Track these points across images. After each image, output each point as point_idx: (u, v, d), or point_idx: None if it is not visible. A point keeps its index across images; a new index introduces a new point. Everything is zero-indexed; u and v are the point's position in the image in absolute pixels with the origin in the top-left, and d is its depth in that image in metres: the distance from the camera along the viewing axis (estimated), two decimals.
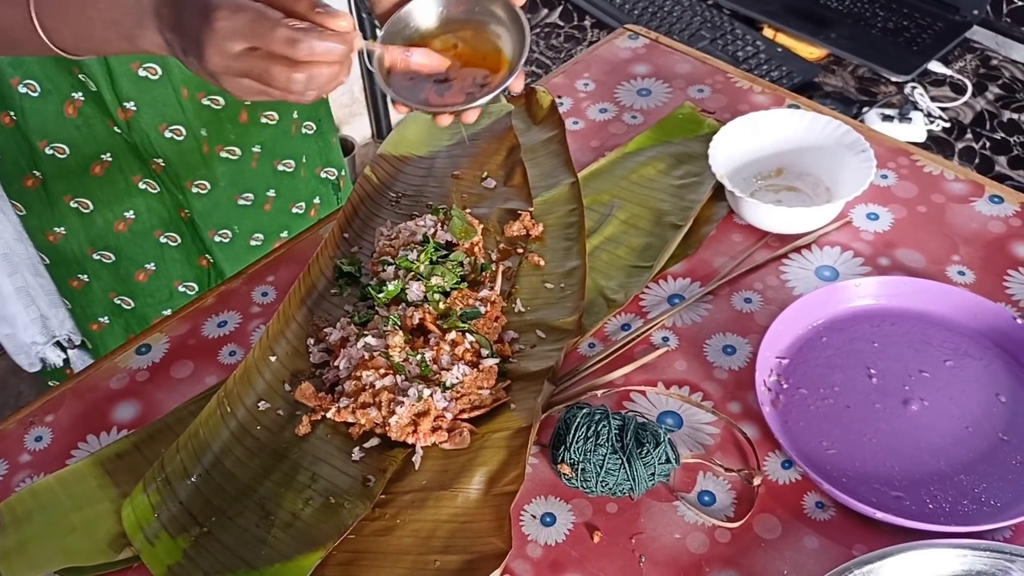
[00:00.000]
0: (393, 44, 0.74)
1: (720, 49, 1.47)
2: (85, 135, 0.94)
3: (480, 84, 0.74)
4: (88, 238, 1.01)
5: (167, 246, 1.04)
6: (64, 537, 0.69)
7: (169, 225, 1.03)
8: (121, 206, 1.00)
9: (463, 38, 0.77)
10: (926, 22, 1.47)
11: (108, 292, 1.05)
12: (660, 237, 0.86)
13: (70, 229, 1.00)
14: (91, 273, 1.03)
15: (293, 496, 0.69)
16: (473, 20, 0.77)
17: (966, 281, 0.81)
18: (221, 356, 0.82)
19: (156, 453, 0.73)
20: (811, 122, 0.90)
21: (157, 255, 1.04)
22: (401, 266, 0.81)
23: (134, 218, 1.01)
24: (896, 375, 0.74)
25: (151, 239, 1.03)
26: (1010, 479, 0.67)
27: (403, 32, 0.76)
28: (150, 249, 1.04)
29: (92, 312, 1.07)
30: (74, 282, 1.04)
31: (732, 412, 0.74)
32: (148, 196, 1.00)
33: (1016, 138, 1.33)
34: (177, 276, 1.06)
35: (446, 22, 0.77)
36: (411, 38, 0.76)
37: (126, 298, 1.05)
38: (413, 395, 0.71)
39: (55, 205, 0.98)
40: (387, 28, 0.76)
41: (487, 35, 0.76)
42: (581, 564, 0.65)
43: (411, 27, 0.77)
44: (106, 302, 1.06)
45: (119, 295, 1.05)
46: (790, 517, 0.67)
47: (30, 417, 0.79)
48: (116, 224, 1.00)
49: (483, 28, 0.77)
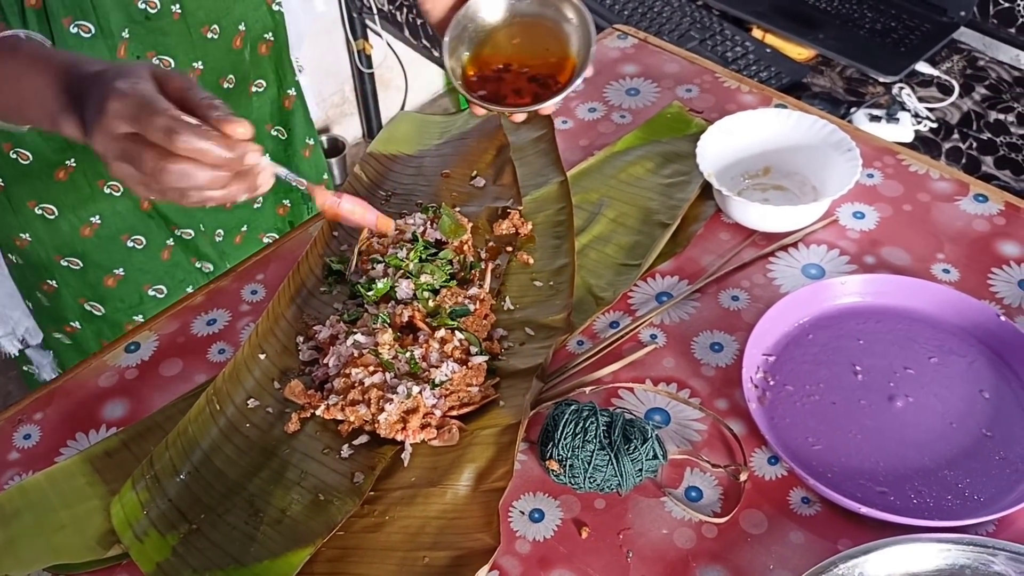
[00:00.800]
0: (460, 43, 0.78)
1: (709, 49, 1.47)
2: (48, 140, 0.93)
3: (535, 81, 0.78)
4: (54, 244, 1.00)
5: (134, 250, 1.03)
6: (53, 534, 0.69)
7: (136, 227, 1.02)
8: (86, 211, 0.99)
9: (528, 31, 0.80)
10: (914, 23, 1.48)
11: (78, 298, 1.04)
12: (648, 235, 0.86)
13: (35, 235, 0.99)
14: (59, 279, 1.02)
15: (282, 493, 0.69)
16: (538, 15, 0.79)
17: (951, 279, 0.82)
18: (210, 354, 0.82)
19: (145, 451, 0.73)
20: (798, 122, 0.90)
21: (125, 260, 1.03)
22: (391, 264, 0.81)
23: (100, 223, 1.00)
24: (881, 372, 0.75)
25: (118, 243, 1.02)
26: (993, 474, 0.68)
27: (467, 30, 0.79)
28: (117, 254, 1.02)
29: (64, 316, 1.06)
30: (44, 286, 1.04)
31: (719, 409, 0.74)
32: (113, 199, 0.99)
33: (1002, 138, 1.34)
34: (146, 280, 1.05)
35: (509, 16, 0.80)
36: (475, 35, 0.79)
37: (96, 304, 1.04)
38: (402, 392, 0.71)
39: (19, 211, 0.97)
40: (454, 25, 0.78)
41: (553, 32, 0.79)
42: (569, 560, 0.66)
43: (476, 23, 0.79)
44: (76, 307, 1.05)
45: (89, 301, 1.04)
46: (776, 512, 0.67)
47: (19, 415, 0.79)
48: (82, 229, 0.99)
49: (549, 24, 0.79)
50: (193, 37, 0.95)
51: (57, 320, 1.07)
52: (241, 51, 1.01)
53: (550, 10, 0.79)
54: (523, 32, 0.80)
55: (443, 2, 0.81)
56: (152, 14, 0.91)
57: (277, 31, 1.07)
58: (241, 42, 1.01)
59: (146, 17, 0.90)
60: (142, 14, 0.90)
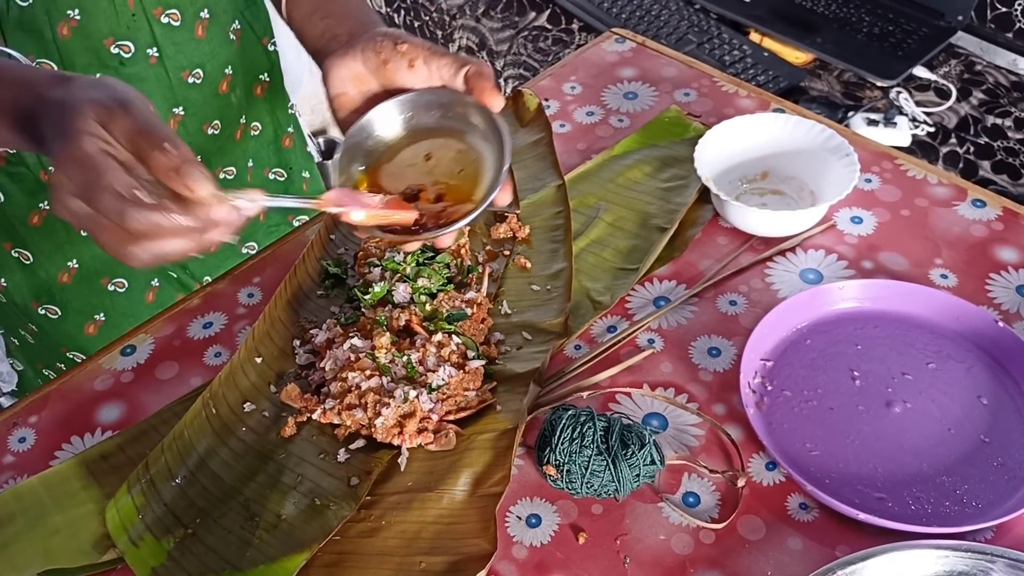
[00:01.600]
0: (354, 159, 0.67)
1: (707, 53, 1.47)
2: (19, 183, 0.90)
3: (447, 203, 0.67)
4: (31, 290, 0.96)
5: (116, 294, 0.99)
6: (48, 539, 0.69)
7: (117, 269, 0.97)
8: (63, 256, 0.94)
9: (437, 148, 0.69)
10: (911, 27, 1.48)
11: (60, 347, 1.00)
12: (646, 240, 0.86)
13: (11, 280, 0.95)
14: (39, 327, 0.99)
15: (278, 497, 0.69)
16: (448, 128, 0.69)
17: (949, 284, 0.82)
18: (206, 357, 0.82)
19: (141, 454, 0.73)
20: (796, 126, 0.90)
21: (107, 305, 0.99)
22: (388, 268, 0.81)
23: (78, 267, 0.95)
24: (879, 377, 0.75)
25: (98, 288, 0.98)
26: (991, 480, 0.68)
27: (364, 144, 0.69)
28: (97, 299, 0.98)
29: (48, 357, 1.02)
30: (23, 331, 1.00)
31: (717, 414, 0.74)
32: (91, 243, 0.92)
33: (1000, 143, 1.35)
34: (129, 325, 0.96)
35: (416, 130, 0.70)
36: (375, 150, 0.69)
37: (78, 353, 1.00)
38: (399, 397, 0.71)
39: None
40: (347, 141, 0.69)
41: (464, 144, 0.69)
42: (566, 565, 0.66)
43: (374, 137, 0.70)
44: (58, 355, 1.01)
45: (71, 350, 1.00)
46: (774, 518, 0.67)
47: (13, 418, 0.79)
48: (60, 276, 0.95)
49: (460, 137, 0.69)
50: (172, 82, 0.91)
51: (44, 358, 1.03)
52: (228, 96, 0.97)
53: (460, 122, 0.69)
54: (431, 149, 0.70)
55: (350, 102, 0.71)
56: (127, 59, 0.86)
57: (273, 71, 1.04)
58: (228, 86, 0.97)
59: (120, 63, 0.86)
60: (116, 59, 0.86)
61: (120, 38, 0.86)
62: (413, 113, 0.69)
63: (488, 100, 0.67)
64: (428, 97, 0.69)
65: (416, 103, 0.69)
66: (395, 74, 0.69)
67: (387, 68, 0.69)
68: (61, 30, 0.82)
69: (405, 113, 0.70)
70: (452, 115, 0.69)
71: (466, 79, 0.68)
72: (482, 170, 0.68)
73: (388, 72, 0.69)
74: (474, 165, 0.68)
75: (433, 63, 0.68)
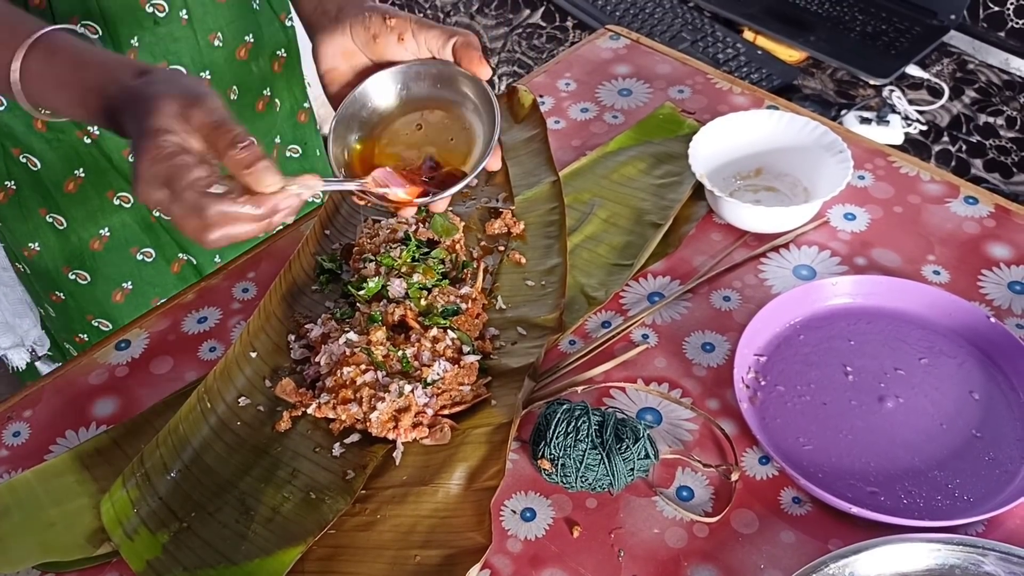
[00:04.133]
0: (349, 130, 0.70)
1: (701, 51, 1.48)
2: (56, 150, 0.92)
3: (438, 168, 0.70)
4: (63, 256, 0.99)
5: (143, 263, 1.02)
6: (43, 532, 0.69)
7: (146, 239, 1.02)
8: (96, 224, 0.98)
9: (428, 119, 0.72)
10: (904, 26, 1.49)
11: (85, 315, 1.03)
12: (640, 236, 0.87)
13: (45, 245, 0.98)
14: (67, 292, 1.02)
15: (273, 491, 0.69)
16: (438, 98, 0.71)
17: (941, 281, 0.82)
18: (201, 352, 0.82)
19: (135, 448, 0.73)
20: (789, 123, 0.91)
21: (134, 273, 1.02)
22: (383, 263, 0.81)
23: (109, 235, 0.99)
24: (872, 373, 0.75)
25: (127, 256, 1.01)
26: (983, 475, 0.69)
27: (359, 115, 0.71)
28: (126, 267, 1.02)
29: (72, 328, 1.05)
30: (52, 296, 1.03)
31: (710, 409, 0.74)
32: (123, 211, 0.99)
33: (992, 141, 1.35)
34: (155, 294, 1.04)
35: (407, 101, 0.72)
36: (369, 120, 0.71)
37: (104, 320, 1.04)
38: (394, 391, 0.71)
39: (29, 218, 0.97)
40: (341, 112, 0.71)
41: (455, 114, 0.71)
42: (561, 559, 0.66)
43: (368, 108, 0.71)
44: (83, 323, 1.04)
45: (96, 317, 1.03)
46: (767, 512, 0.68)
47: (8, 412, 0.78)
48: (91, 243, 0.99)
49: (450, 107, 0.71)
50: (200, 44, 0.94)
51: (65, 331, 1.06)
52: (247, 63, 1.00)
53: (450, 92, 0.71)
54: (423, 119, 0.72)
55: (340, 76, 0.73)
56: (161, 18, 0.90)
57: (290, 47, 1.05)
58: (247, 54, 0.99)
59: (155, 22, 0.89)
60: (150, 19, 0.89)
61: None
62: (405, 84, 0.71)
63: (476, 69, 0.70)
64: (419, 68, 0.71)
65: (407, 74, 0.71)
66: (385, 48, 0.71)
67: (377, 43, 0.71)
68: None
69: (397, 84, 0.71)
70: (443, 86, 0.71)
71: (454, 50, 0.70)
72: (473, 138, 0.70)
73: (378, 47, 0.71)
74: (464, 134, 0.71)
75: (421, 36, 0.70)
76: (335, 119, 0.71)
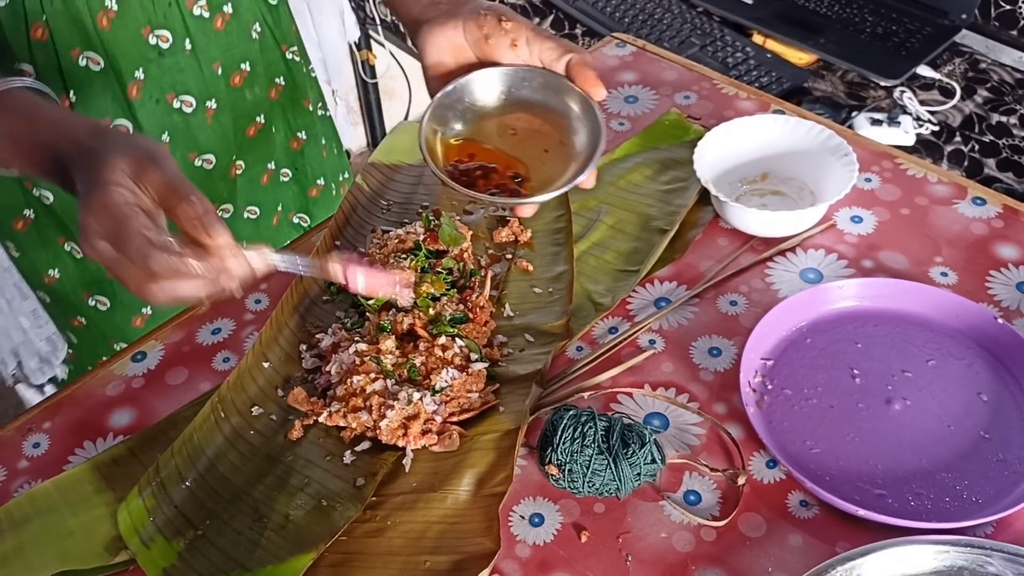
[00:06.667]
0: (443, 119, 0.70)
1: (710, 56, 1.48)
2: None
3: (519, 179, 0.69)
4: (83, 281, 1.00)
5: None
6: (61, 541, 0.70)
7: None
8: None
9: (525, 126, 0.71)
10: (915, 27, 1.48)
11: (107, 339, 1.04)
12: (647, 242, 0.87)
13: (64, 271, 0.99)
14: (88, 318, 1.03)
15: (286, 499, 0.70)
16: (540, 107, 0.71)
17: (949, 282, 0.82)
18: (215, 363, 0.84)
19: (151, 458, 0.74)
20: (795, 127, 0.91)
21: None
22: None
23: None
24: (879, 375, 0.75)
25: None
26: (991, 476, 0.68)
27: (456, 106, 0.71)
28: None
29: (96, 351, 1.06)
30: (75, 322, 1.04)
31: (717, 413, 0.75)
32: None
33: (1005, 141, 1.34)
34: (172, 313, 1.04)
35: (509, 103, 0.71)
36: (465, 114, 0.71)
37: (125, 344, 1.04)
38: (403, 399, 0.72)
39: (48, 245, 0.97)
40: (440, 99, 0.71)
41: (554, 127, 0.71)
42: (569, 563, 0.66)
43: (467, 101, 0.71)
44: (106, 347, 1.05)
45: (118, 342, 1.04)
46: (774, 516, 0.68)
47: (28, 424, 0.80)
48: None
49: (551, 119, 0.71)
50: (205, 74, 0.94)
51: (91, 355, 1.07)
52: (241, 89, 1.00)
53: (555, 104, 0.70)
54: (520, 125, 0.72)
55: (444, 69, 0.73)
56: (165, 50, 0.90)
57: (289, 76, 1.05)
58: (241, 81, 0.99)
59: (159, 54, 0.90)
60: (155, 51, 0.89)
61: (157, 27, 0.89)
62: (510, 86, 0.71)
63: (591, 88, 0.70)
64: (526, 74, 0.71)
65: (514, 77, 0.71)
66: (495, 50, 0.71)
67: (488, 43, 0.70)
68: (100, 21, 0.86)
69: (503, 85, 0.71)
70: (548, 96, 0.70)
71: (569, 66, 0.70)
72: (569, 155, 0.70)
73: (488, 47, 0.71)
74: (561, 149, 0.70)
75: (536, 45, 0.70)
76: (432, 105, 0.71)
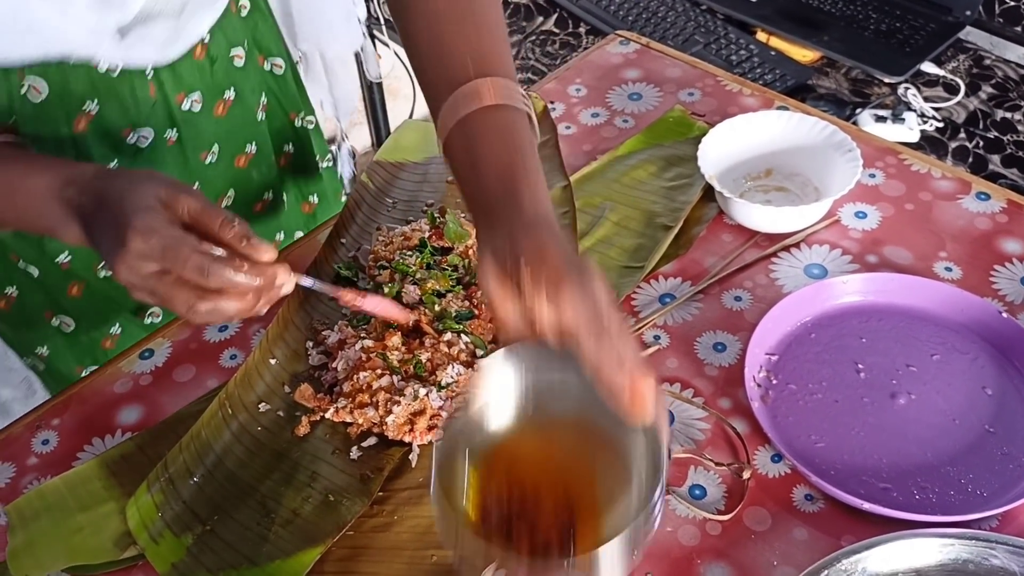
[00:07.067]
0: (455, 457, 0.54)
1: (714, 53, 1.48)
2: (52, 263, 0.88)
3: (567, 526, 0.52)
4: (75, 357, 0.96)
5: None
6: (71, 537, 0.70)
7: None
8: (107, 325, 0.95)
9: (562, 435, 0.55)
10: (919, 23, 1.48)
11: (74, 367, 0.98)
12: (651, 238, 0.87)
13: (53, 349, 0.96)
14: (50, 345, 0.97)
15: (293, 494, 0.71)
16: (576, 415, 0.54)
17: (953, 277, 0.82)
18: (222, 359, 0.84)
19: (159, 454, 0.75)
20: (799, 123, 0.91)
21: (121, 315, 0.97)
22: (397, 269, 0.82)
23: (120, 333, 0.96)
24: (883, 369, 0.76)
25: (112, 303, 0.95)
26: (996, 469, 0.69)
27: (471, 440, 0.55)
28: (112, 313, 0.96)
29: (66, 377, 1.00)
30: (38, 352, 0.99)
31: (722, 408, 0.75)
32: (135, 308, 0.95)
33: (1009, 136, 1.34)
34: None
35: (543, 422, 0.54)
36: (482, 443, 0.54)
37: None
38: (409, 395, 0.72)
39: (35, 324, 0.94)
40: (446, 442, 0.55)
41: (601, 436, 0.54)
42: None
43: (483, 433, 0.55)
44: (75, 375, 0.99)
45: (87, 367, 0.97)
46: (780, 509, 0.68)
47: (37, 421, 0.81)
48: (103, 342, 0.96)
49: (594, 429, 0.54)
50: (190, 163, 0.89)
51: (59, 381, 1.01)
52: (246, 170, 0.96)
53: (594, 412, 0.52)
54: (555, 435, 0.56)
55: None
56: (143, 147, 0.84)
57: (299, 142, 1.02)
58: (247, 162, 0.95)
59: (136, 151, 0.84)
60: (132, 148, 0.84)
61: (139, 126, 0.83)
62: (537, 397, 0.54)
63: None
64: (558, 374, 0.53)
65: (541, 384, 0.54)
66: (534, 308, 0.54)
67: None
68: (77, 125, 0.79)
69: (527, 397, 0.55)
70: (594, 411, 0.53)
71: None
72: (626, 467, 0.54)
73: None
74: (616, 462, 0.55)
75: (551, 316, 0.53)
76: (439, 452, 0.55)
